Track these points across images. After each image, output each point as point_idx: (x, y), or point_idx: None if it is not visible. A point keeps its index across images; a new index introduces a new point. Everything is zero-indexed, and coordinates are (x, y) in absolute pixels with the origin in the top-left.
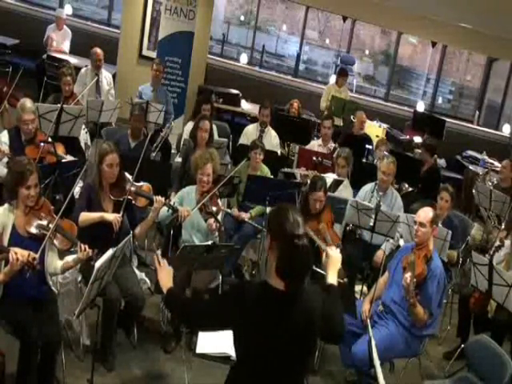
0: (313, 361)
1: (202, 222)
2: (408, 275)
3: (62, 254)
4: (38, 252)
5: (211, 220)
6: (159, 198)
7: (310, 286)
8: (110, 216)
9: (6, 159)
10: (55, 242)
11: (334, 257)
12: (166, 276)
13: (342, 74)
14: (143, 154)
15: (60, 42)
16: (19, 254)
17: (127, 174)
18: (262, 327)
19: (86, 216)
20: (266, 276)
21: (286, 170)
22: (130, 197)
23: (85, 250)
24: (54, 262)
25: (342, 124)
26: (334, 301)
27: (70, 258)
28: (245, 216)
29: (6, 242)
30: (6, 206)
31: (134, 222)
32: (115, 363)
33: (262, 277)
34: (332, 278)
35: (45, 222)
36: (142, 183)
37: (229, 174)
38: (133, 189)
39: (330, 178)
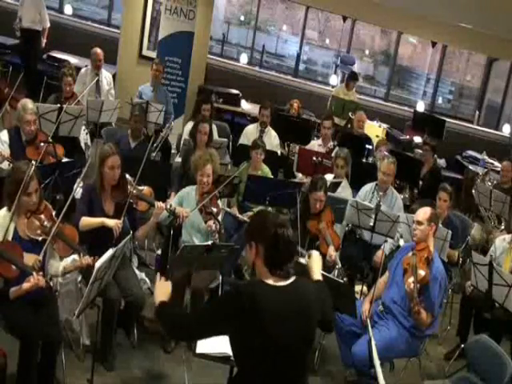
0: (313, 361)
1: (201, 222)
2: (411, 280)
3: None
4: (40, 256)
5: (211, 221)
6: (160, 204)
7: (304, 279)
8: (111, 222)
9: (6, 162)
10: (56, 248)
11: (315, 256)
12: (160, 290)
13: (354, 77)
14: (146, 157)
15: (33, 13)
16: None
17: (128, 176)
18: (266, 323)
19: (86, 221)
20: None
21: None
22: (131, 200)
23: (86, 260)
24: (55, 265)
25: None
26: (323, 290)
27: (69, 260)
28: (247, 215)
29: None
30: (6, 211)
31: (135, 225)
32: (115, 363)
33: None
34: (318, 275)
35: (46, 227)
36: (143, 187)
37: (229, 176)
38: (134, 192)
39: (328, 179)
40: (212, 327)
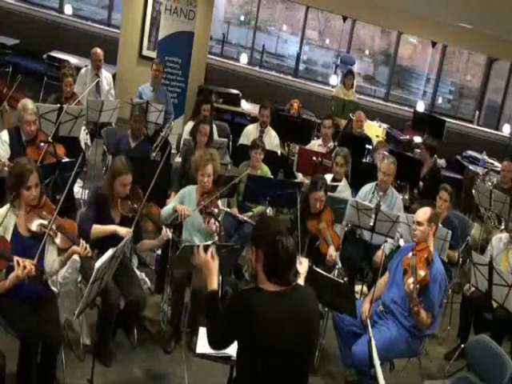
0: (313, 361)
1: (202, 222)
2: (411, 281)
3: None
4: (38, 250)
5: (211, 223)
6: (168, 233)
7: (303, 286)
8: (123, 230)
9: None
10: (56, 240)
11: (304, 265)
12: (210, 268)
13: (348, 73)
14: (149, 159)
15: None
16: (25, 263)
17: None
18: (263, 329)
19: (98, 229)
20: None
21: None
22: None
23: (86, 248)
24: (52, 261)
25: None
26: None
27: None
28: (247, 215)
29: None
30: (8, 206)
31: (139, 235)
32: (115, 363)
33: None
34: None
35: (46, 221)
36: (152, 205)
37: (230, 176)
38: (144, 211)
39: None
40: (227, 337)
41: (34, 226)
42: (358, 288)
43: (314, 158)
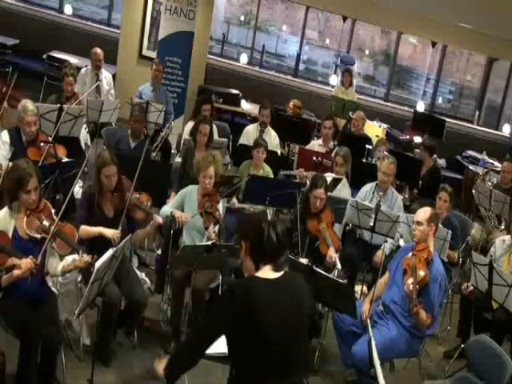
0: (313, 361)
1: (202, 223)
2: (410, 281)
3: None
4: (39, 255)
5: (210, 228)
6: (158, 218)
7: (294, 273)
8: (109, 232)
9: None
10: (55, 246)
11: None
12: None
13: (344, 73)
14: (143, 158)
15: None
16: (28, 261)
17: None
18: (262, 316)
19: (85, 230)
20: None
21: (285, 172)
22: (129, 207)
23: (85, 259)
24: (55, 264)
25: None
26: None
27: (69, 259)
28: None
29: None
30: (6, 209)
31: (133, 228)
32: (116, 363)
33: None
34: None
35: (45, 225)
36: (138, 195)
37: (230, 176)
38: (133, 198)
39: (328, 178)
40: (215, 334)
41: (34, 231)
42: (358, 288)
43: (314, 158)
